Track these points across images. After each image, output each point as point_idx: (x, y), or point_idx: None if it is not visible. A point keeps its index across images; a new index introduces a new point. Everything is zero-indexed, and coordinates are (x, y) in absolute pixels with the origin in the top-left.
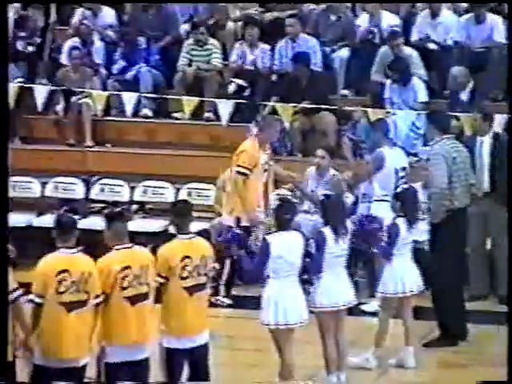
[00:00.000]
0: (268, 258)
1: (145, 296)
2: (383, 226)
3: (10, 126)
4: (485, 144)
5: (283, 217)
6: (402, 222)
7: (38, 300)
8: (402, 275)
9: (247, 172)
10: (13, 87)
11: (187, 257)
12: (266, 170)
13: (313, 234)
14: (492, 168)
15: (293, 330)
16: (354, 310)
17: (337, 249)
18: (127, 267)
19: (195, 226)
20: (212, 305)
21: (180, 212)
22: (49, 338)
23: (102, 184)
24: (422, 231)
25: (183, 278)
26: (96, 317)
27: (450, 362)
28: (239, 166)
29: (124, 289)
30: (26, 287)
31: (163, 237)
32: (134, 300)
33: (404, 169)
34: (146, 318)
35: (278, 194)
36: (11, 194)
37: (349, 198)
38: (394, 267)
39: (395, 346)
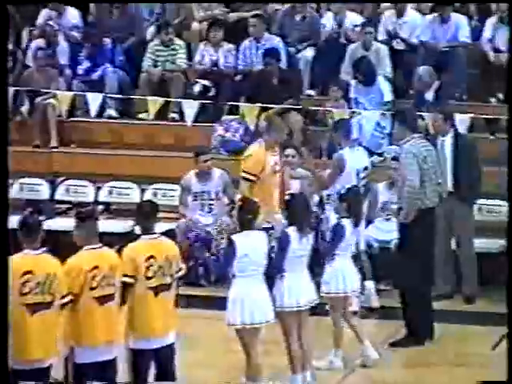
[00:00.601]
0: (234, 258)
1: (112, 296)
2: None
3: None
4: (446, 143)
5: (246, 217)
6: (347, 223)
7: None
8: (344, 275)
9: (251, 178)
10: None
11: (152, 257)
12: (276, 172)
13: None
14: (455, 167)
15: (259, 329)
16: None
17: (300, 248)
18: (96, 267)
19: (161, 227)
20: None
21: (145, 213)
22: (14, 339)
23: (67, 185)
24: (388, 231)
25: (148, 278)
26: (62, 317)
27: (416, 361)
28: (244, 171)
29: (93, 289)
30: None
31: (129, 238)
32: (103, 300)
33: (366, 169)
34: (113, 319)
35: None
36: None
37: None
38: (335, 267)
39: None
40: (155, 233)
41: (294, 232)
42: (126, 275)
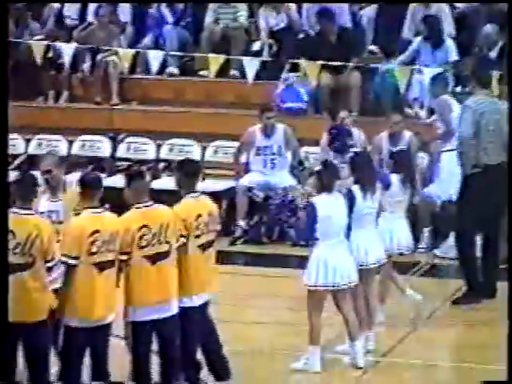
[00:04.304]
0: (316, 220)
1: (164, 255)
2: None
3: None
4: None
5: (327, 179)
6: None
7: (72, 262)
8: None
9: None
10: (39, 45)
11: (199, 215)
12: None
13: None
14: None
15: (343, 292)
16: None
17: (365, 206)
18: (145, 226)
19: (221, 185)
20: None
21: (187, 171)
22: (81, 298)
23: (128, 142)
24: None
25: (197, 237)
26: (119, 276)
27: (476, 318)
28: None
29: (142, 247)
30: None
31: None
32: (154, 259)
33: None
34: (167, 277)
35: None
36: (39, 151)
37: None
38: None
39: None
40: (197, 191)
41: (358, 190)
42: (181, 235)
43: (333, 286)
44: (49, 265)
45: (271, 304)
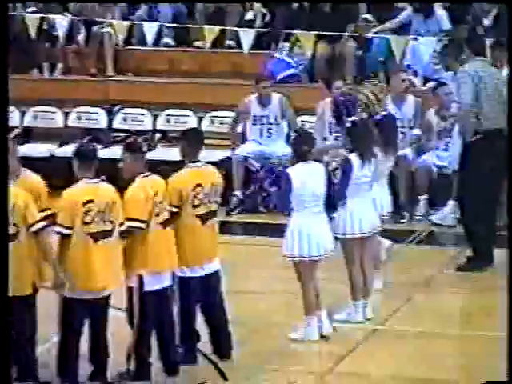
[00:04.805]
0: (290, 190)
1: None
2: None
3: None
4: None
5: (302, 148)
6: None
7: (66, 231)
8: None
9: None
10: (33, 18)
11: (199, 185)
12: None
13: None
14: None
15: (317, 262)
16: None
17: (362, 175)
18: (156, 193)
19: (217, 155)
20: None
21: (191, 140)
22: (78, 269)
23: (124, 113)
24: (445, 157)
25: (195, 206)
26: (127, 246)
27: (473, 286)
28: None
29: (157, 215)
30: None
31: (178, 167)
32: (165, 225)
33: None
34: (172, 243)
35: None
36: (34, 124)
37: None
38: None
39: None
40: (200, 161)
41: (355, 159)
42: (171, 204)
43: (308, 257)
44: (32, 229)
45: (268, 274)
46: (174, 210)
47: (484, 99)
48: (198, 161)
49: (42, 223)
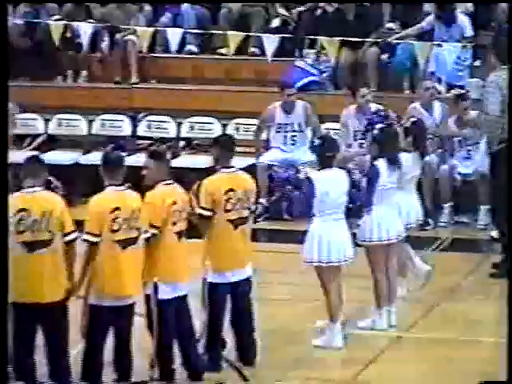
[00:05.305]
0: (313, 196)
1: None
2: None
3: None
4: None
5: (325, 154)
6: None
7: (94, 239)
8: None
9: None
10: (57, 26)
11: (231, 190)
12: None
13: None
14: None
15: (338, 267)
16: None
17: (389, 181)
18: (175, 202)
19: (242, 162)
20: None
21: (223, 146)
22: (106, 276)
23: (148, 121)
24: (468, 166)
25: (227, 211)
26: (145, 253)
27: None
28: None
29: (174, 224)
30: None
31: (210, 173)
32: (181, 235)
33: None
34: (187, 254)
35: (326, 129)
36: (58, 131)
37: None
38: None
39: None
40: (233, 166)
41: (383, 165)
42: (204, 208)
43: (326, 263)
44: (67, 239)
45: (294, 280)
46: (207, 213)
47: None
48: (232, 166)
49: (77, 233)
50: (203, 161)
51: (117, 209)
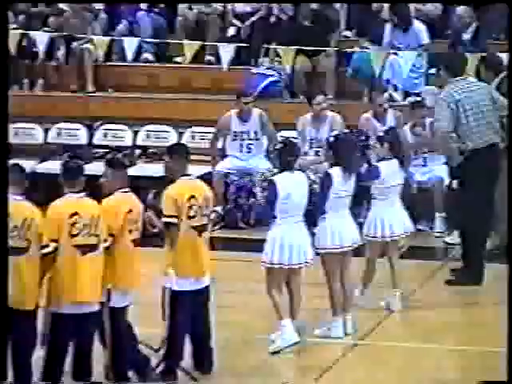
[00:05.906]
0: (276, 199)
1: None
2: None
3: (9, 78)
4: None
5: (287, 158)
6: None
7: (52, 245)
8: (390, 218)
9: None
10: (13, 34)
11: (192, 196)
12: None
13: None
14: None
15: (299, 270)
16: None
17: (343, 190)
18: (131, 210)
19: (198, 170)
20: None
21: (178, 155)
22: (65, 281)
23: (104, 129)
24: (424, 173)
25: (190, 218)
26: (103, 261)
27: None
28: None
29: (130, 232)
30: None
31: (167, 181)
32: (136, 243)
33: None
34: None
35: (281, 136)
36: (15, 140)
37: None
38: (379, 211)
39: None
40: (191, 174)
41: (337, 173)
42: (170, 216)
43: (288, 265)
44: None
45: (250, 288)
46: (174, 220)
47: (464, 121)
48: (189, 174)
49: (54, 245)
50: (159, 169)
51: (76, 214)
